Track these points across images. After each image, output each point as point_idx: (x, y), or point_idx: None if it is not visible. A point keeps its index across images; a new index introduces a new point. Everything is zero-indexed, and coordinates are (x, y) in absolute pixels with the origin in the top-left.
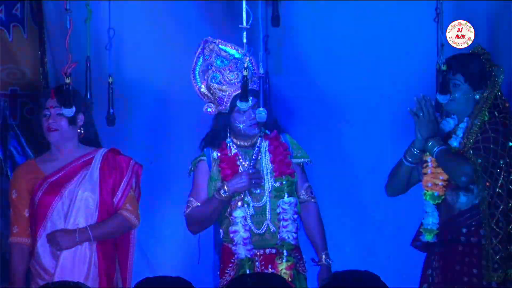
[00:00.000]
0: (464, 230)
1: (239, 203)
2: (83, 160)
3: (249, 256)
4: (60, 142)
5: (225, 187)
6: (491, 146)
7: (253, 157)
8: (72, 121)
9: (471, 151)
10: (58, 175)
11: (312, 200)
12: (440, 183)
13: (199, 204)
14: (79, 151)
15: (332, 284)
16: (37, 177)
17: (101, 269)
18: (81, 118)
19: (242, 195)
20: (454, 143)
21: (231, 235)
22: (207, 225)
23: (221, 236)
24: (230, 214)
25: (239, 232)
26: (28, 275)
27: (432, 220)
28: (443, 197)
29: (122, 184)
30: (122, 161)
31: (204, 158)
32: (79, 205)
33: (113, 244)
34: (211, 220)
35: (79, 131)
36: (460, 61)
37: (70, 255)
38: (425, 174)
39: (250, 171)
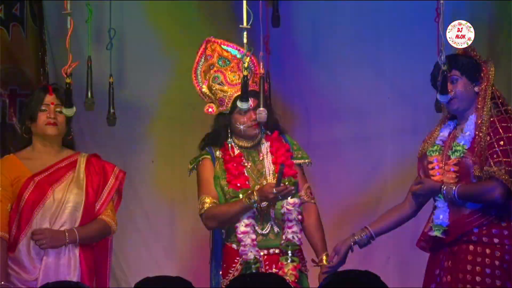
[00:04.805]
0: (475, 230)
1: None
2: (68, 161)
3: (258, 257)
4: (54, 138)
5: (255, 197)
6: (508, 147)
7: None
8: (68, 120)
9: (490, 159)
10: (44, 174)
11: (312, 201)
12: (451, 181)
13: (214, 201)
14: (62, 152)
15: (332, 284)
16: (22, 174)
17: (84, 273)
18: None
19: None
20: (463, 141)
21: (240, 235)
22: (227, 225)
23: (223, 237)
24: None
25: (249, 233)
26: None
27: (443, 216)
28: None
29: (105, 189)
30: (107, 167)
31: (208, 156)
32: (66, 207)
33: (92, 249)
34: (233, 221)
35: (68, 135)
36: (452, 57)
37: (54, 258)
38: (433, 175)
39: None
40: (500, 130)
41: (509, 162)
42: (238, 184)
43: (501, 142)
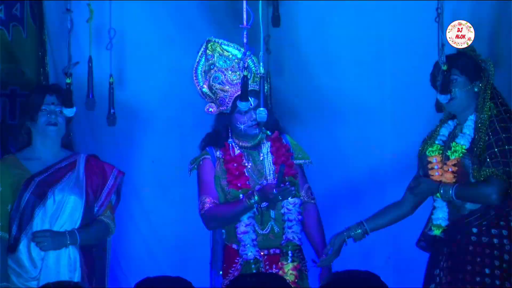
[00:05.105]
0: (474, 230)
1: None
2: (67, 162)
3: (258, 257)
4: (54, 139)
5: (256, 197)
6: (506, 147)
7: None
8: (68, 120)
9: (488, 160)
10: (44, 175)
11: (312, 201)
12: (449, 180)
13: (215, 201)
14: (61, 153)
15: (332, 284)
16: (22, 173)
17: (84, 273)
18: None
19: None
20: (462, 141)
21: (240, 235)
22: (228, 225)
23: (224, 237)
24: None
25: (249, 233)
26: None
27: (441, 215)
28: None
29: (104, 190)
30: (106, 167)
31: (208, 156)
32: (67, 208)
33: (91, 249)
34: (234, 221)
35: (68, 135)
36: (452, 57)
37: (54, 258)
38: (432, 175)
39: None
40: (499, 130)
41: (507, 162)
42: (239, 184)
43: (500, 143)
